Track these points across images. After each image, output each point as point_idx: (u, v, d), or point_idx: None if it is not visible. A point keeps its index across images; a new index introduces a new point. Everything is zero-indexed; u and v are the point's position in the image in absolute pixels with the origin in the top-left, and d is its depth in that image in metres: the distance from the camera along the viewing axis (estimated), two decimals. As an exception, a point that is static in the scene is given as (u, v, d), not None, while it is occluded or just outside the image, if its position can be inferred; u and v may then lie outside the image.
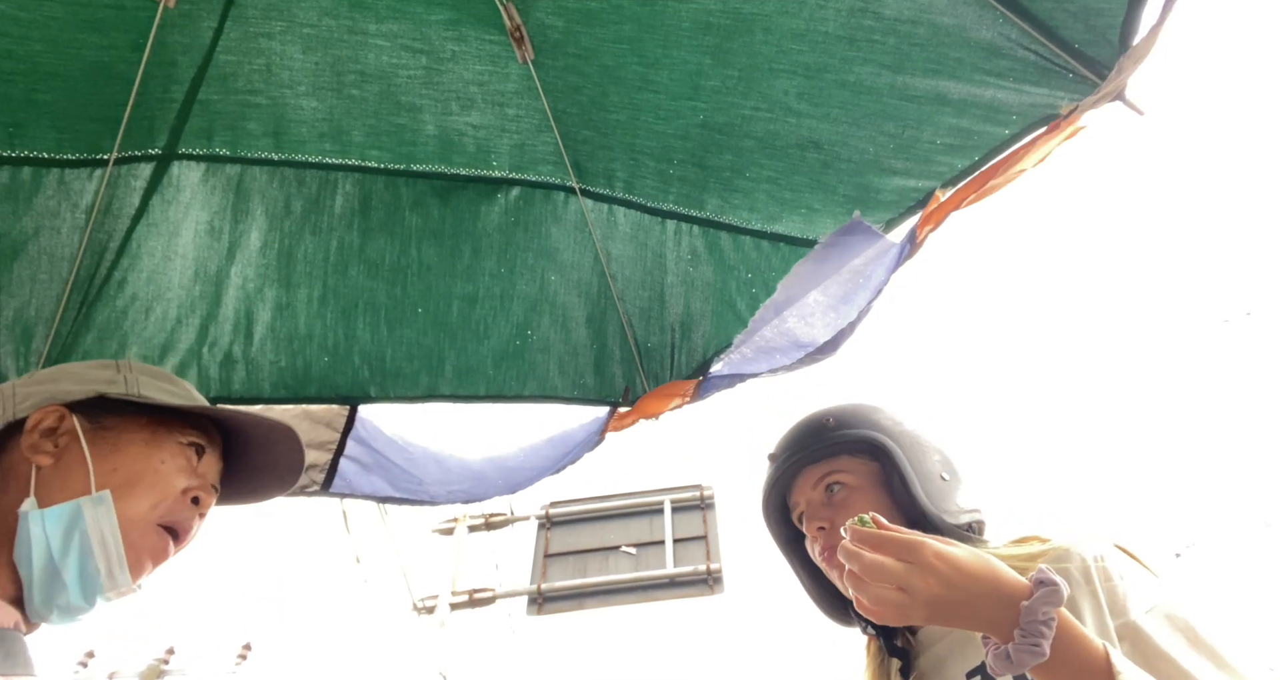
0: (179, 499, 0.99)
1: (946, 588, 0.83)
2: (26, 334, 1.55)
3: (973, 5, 1.23)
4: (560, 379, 1.83)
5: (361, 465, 1.77)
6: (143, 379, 1.07)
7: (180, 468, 1.00)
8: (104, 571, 0.91)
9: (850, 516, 1.07)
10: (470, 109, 1.60)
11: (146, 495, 0.96)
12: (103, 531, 0.91)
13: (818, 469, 1.22)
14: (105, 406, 1.01)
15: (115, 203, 1.54)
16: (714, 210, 1.67)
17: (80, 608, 0.91)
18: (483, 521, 10.00)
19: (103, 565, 0.91)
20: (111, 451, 0.98)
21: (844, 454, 1.22)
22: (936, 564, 0.84)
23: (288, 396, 1.72)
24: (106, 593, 0.92)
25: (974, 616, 0.84)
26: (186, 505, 1.00)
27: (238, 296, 1.67)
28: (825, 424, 1.25)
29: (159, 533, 0.97)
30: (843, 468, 1.21)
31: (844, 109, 1.43)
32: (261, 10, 1.43)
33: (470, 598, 9.16)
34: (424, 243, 1.72)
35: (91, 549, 0.90)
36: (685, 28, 1.41)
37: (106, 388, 1.03)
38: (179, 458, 1.01)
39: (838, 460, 1.22)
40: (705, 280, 1.74)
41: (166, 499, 0.97)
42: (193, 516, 1.01)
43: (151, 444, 1.00)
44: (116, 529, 0.92)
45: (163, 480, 0.98)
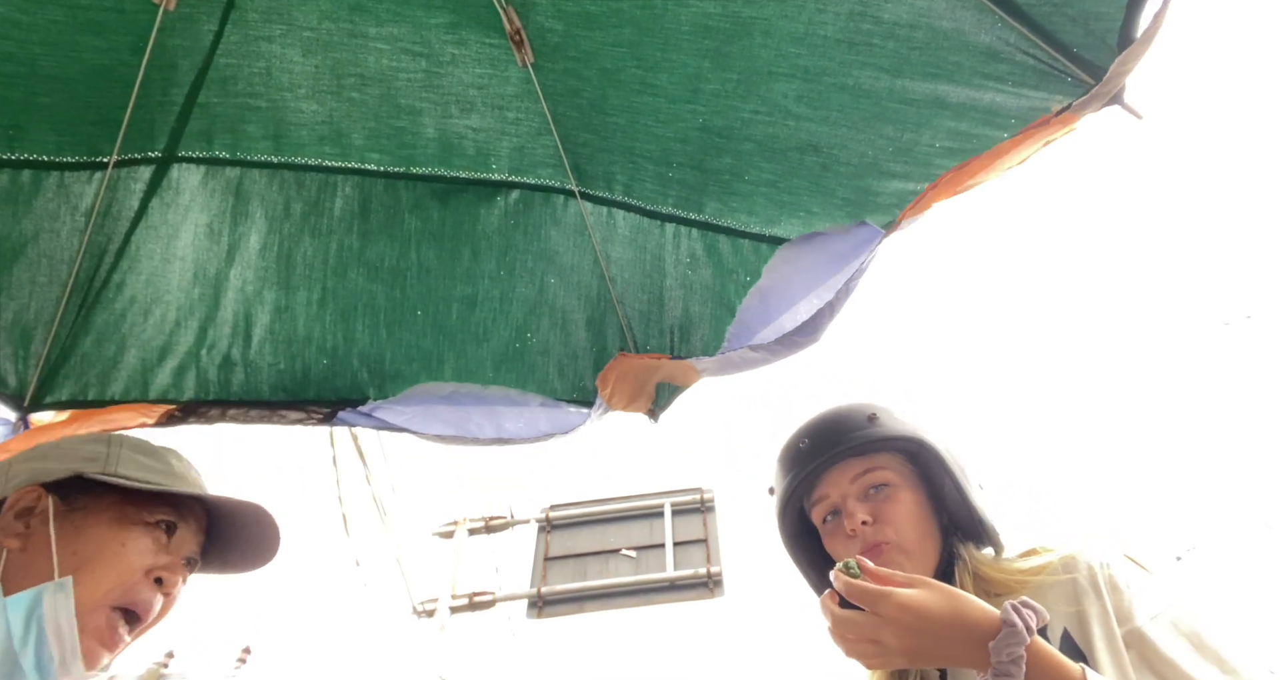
0: (139, 581, 0.98)
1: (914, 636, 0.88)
2: (26, 337, 1.55)
3: (971, 9, 1.24)
4: (560, 381, 1.83)
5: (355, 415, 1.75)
6: (124, 454, 1.07)
7: (144, 548, 1.00)
8: (57, 660, 0.91)
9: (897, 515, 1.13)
10: (470, 112, 1.61)
11: (104, 578, 0.95)
12: (58, 619, 0.91)
13: (858, 463, 1.19)
14: (82, 485, 1.02)
15: (115, 205, 1.54)
16: (713, 213, 1.67)
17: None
18: (483, 524, 10.00)
19: (56, 653, 0.91)
20: (76, 534, 0.98)
21: (884, 452, 1.20)
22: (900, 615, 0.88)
23: (287, 399, 1.72)
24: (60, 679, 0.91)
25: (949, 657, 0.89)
26: (147, 586, 0.99)
27: (237, 299, 1.67)
28: (871, 417, 1.22)
29: (110, 617, 0.96)
30: (884, 465, 1.19)
31: (843, 112, 1.43)
32: (261, 13, 1.43)
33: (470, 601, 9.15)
34: (423, 245, 1.72)
35: (46, 637, 0.90)
36: (685, 31, 1.41)
37: (85, 466, 1.03)
38: (144, 538, 1.00)
39: (879, 457, 1.19)
40: (704, 283, 1.74)
41: (125, 582, 0.97)
42: (152, 598, 1.00)
43: (116, 524, 1.00)
44: (73, 617, 0.92)
45: (121, 562, 0.97)
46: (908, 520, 1.14)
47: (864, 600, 0.91)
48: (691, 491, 9.36)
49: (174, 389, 1.65)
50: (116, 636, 0.97)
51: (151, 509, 1.03)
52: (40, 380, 1.59)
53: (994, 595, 1.06)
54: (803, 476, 1.21)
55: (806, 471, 1.21)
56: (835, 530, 1.19)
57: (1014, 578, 1.08)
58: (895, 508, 1.14)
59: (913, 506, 1.15)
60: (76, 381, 1.61)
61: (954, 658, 0.88)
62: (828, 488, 1.20)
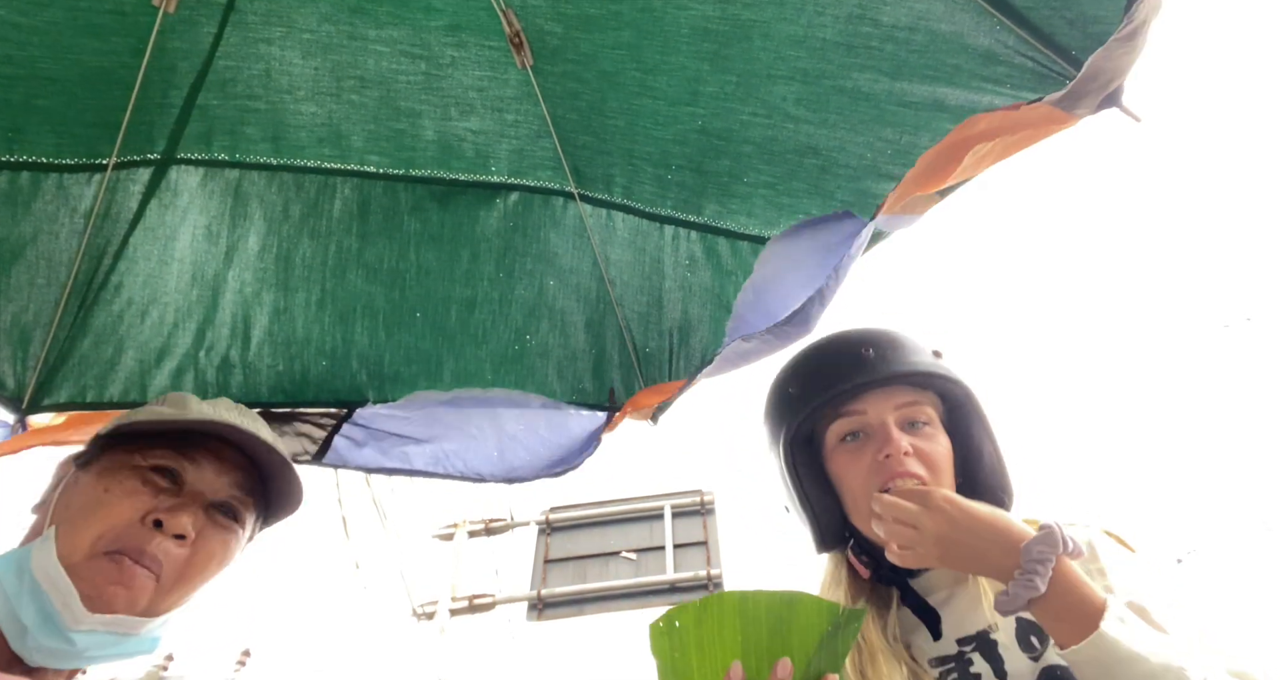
0: (131, 526, 0.92)
1: (952, 527, 0.90)
2: (24, 338, 1.55)
3: (970, 12, 1.24)
4: (559, 383, 1.83)
5: (355, 442, 1.75)
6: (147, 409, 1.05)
7: (129, 492, 0.94)
8: (59, 607, 0.87)
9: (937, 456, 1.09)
10: (469, 114, 1.61)
11: (88, 527, 0.91)
12: (46, 569, 0.88)
13: (909, 393, 1.11)
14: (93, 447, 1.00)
15: (114, 207, 1.55)
16: (712, 216, 1.67)
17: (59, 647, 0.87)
18: (483, 527, 10.00)
19: (56, 601, 0.87)
20: (72, 490, 0.96)
21: (931, 390, 1.14)
22: (945, 506, 0.91)
23: (285, 400, 1.72)
24: (74, 628, 0.87)
25: (980, 559, 0.90)
26: (141, 532, 0.93)
27: (235, 301, 1.67)
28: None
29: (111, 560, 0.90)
30: (929, 403, 1.13)
31: (842, 115, 1.44)
32: (261, 16, 1.44)
33: (470, 603, 9.15)
34: (423, 247, 1.72)
35: (40, 588, 0.87)
36: (684, 34, 1.41)
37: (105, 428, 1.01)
38: (130, 481, 0.95)
39: (927, 394, 1.13)
40: (703, 285, 1.74)
41: (113, 528, 0.91)
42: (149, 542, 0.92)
43: (104, 473, 0.96)
44: (56, 565, 0.88)
45: (104, 509, 0.92)
46: (944, 465, 1.08)
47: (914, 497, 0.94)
48: (691, 494, 9.36)
49: (172, 391, 1.65)
50: (129, 575, 0.90)
51: (146, 453, 0.97)
52: (39, 382, 1.59)
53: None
54: (858, 385, 1.09)
55: (863, 381, 1.09)
56: (857, 451, 1.10)
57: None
58: (935, 449, 1.08)
59: (947, 451, 1.10)
60: (75, 383, 1.61)
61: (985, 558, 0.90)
62: (867, 405, 1.10)
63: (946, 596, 1.08)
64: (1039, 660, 0.96)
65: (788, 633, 0.79)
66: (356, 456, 1.75)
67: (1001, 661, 0.98)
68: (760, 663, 0.78)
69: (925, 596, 1.08)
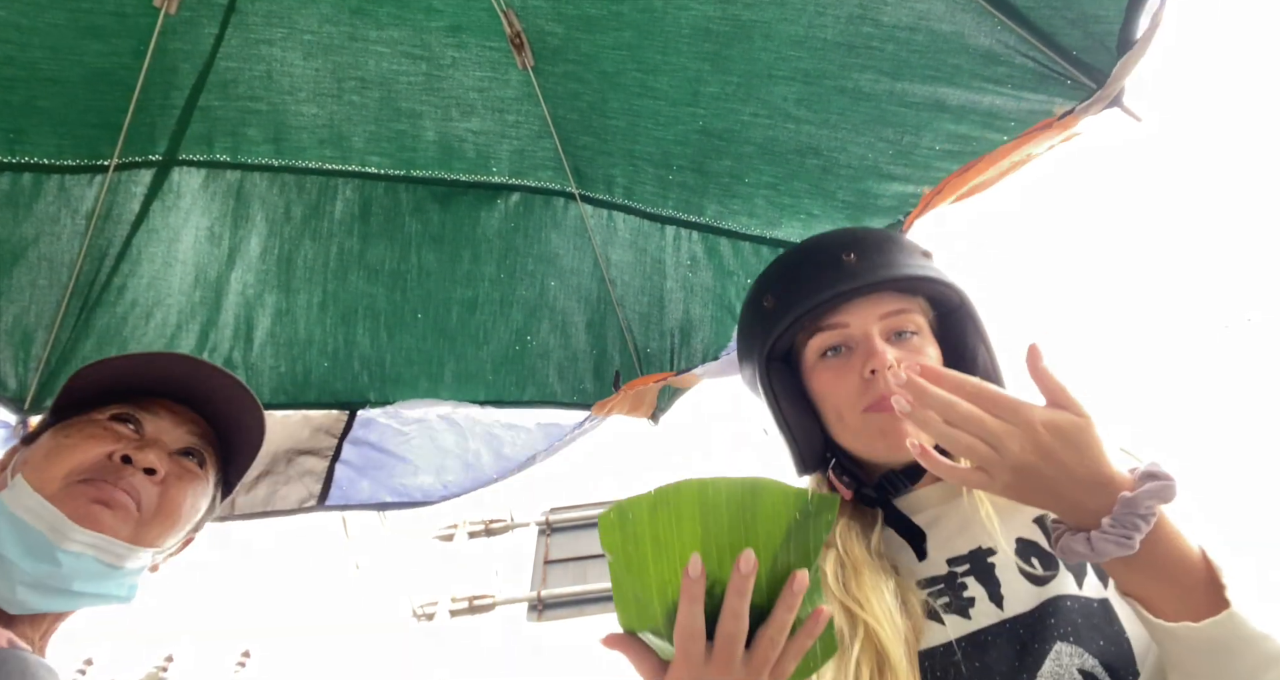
0: (99, 461, 0.93)
1: (1043, 459, 0.71)
2: (26, 340, 1.55)
3: (971, 12, 1.24)
4: (560, 384, 1.83)
5: (355, 468, 1.76)
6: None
7: (91, 436, 0.95)
8: (45, 530, 0.87)
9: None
10: (470, 115, 1.61)
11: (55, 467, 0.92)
12: (24, 502, 0.88)
13: (896, 301, 0.99)
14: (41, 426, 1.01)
15: (115, 209, 1.55)
16: (713, 216, 1.67)
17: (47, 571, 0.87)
18: (483, 528, 10.00)
19: (40, 526, 0.87)
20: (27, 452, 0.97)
21: (921, 296, 1.02)
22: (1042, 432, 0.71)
23: (287, 402, 1.72)
24: (62, 546, 0.87)
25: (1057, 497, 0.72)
26: (112, 466, 0.94)
27: (238, 302, 1.67)
28: (926, 254, 1.04)
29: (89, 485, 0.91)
30: (918, 310, 1.01)
31: (843, 115, 1.44)
32: (263, 17, 1.44)
33: (470, 604, 9.15)
34: (424, 248, 1.72)
35: (21, 519, 0.87)
36: (685, 34, 1.41)
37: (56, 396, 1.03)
38: (89, 428, 0.96)
39: (916, 300, 1.01)
40: (705, 285, 1.74)
41: (81, 463, 0.92)
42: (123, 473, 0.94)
43: (61, 430, 0.97)
44: (35, 495, 0.89)
45: (68, 450, 0.93)
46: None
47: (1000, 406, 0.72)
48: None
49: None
50: (109, 495, 0.91)
51: (101, 409, 0.99)
52: (41, 383, 1.58)
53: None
54: (838, 294, 0.98)
55: (844, 290, 0.98)
56: (841, 367, 0.99)
57: None
58: (920, 358, 0.96)
59: (937, 359, 0.99)
60: (77, 384, 1.61)
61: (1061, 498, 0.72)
62: (850, 316, 0.99)
63: (935, 515, 0.98)
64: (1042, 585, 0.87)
65: (751, 522, 0.70)
66: (358, 492, 1.77)
67: (998, 584, 0.89)
68: (722, 556, 0.69)
69: (912, 516, 0.98)
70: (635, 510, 0.70)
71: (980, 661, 0.85)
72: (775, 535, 0.71)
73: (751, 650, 0.71)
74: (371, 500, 1.79)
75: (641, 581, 0.71)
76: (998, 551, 0.91)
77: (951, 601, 0.90)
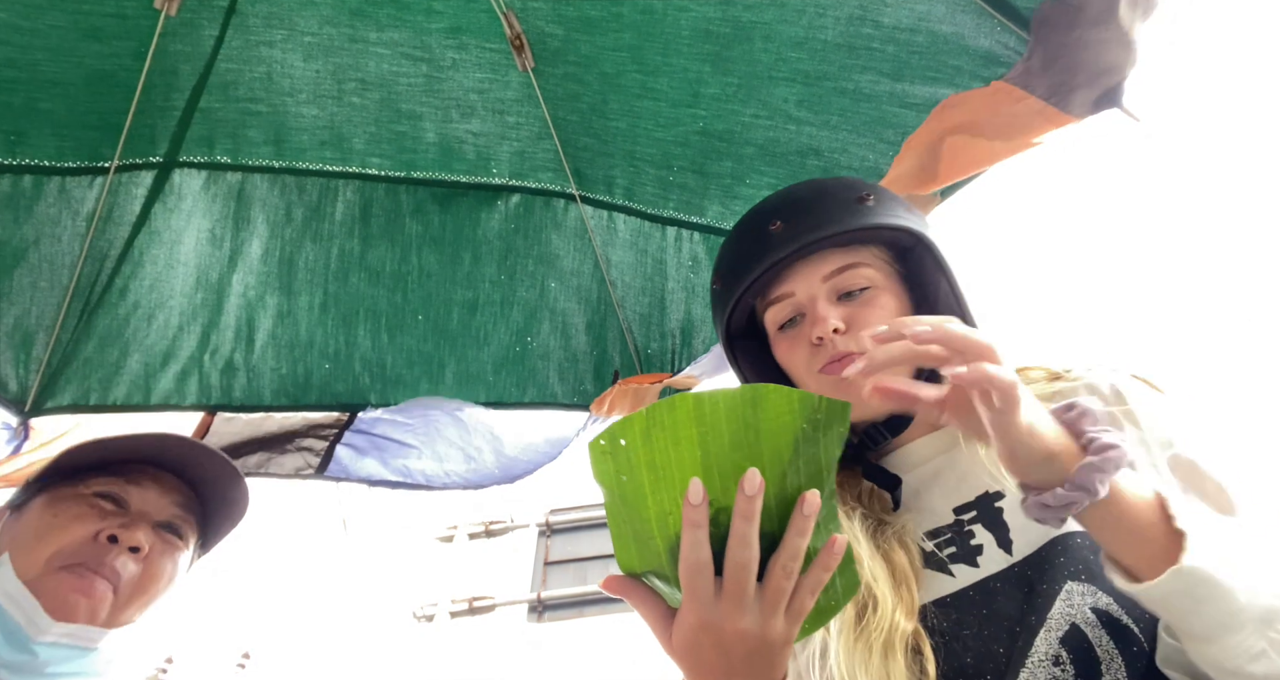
0: (84, 543, 0.96)
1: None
2: (27, 342, 1.55)
3: (971, 13, 1.24)
4: (560, 385, 1.83)
5: (357, 449, 1.76)
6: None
7: (76, 515, 0.98)
8: (23, 621, 0.90)
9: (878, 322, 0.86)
10: (470, 116, 1.61)
11: (40, 548, 0.94)
12: (5, 589, 0.91)
13: (838, 256, 0.96)
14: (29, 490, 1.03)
15: (116, 211, 1.55)
16: (714, 217, 1.67)
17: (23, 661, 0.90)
18: (483, 529, 10.00)
19: (19, 616, 0.90)
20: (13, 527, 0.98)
21: (871, 245, 0.97)
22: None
23: (289, 404, 1.72)
24: (38, 638, 0.90)
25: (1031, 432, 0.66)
26: (98, 547, 0.97)
27: (239, 304, 1.67)
28: (861, 198, 0.97)
29: (71, 572, 0.94)
30: (866, 262, 0.96)
31: (843, 116, 1.44)
32: (263, 19, 1.44)
33: (470, 606, 9.15)
34: (424, 250, 1.72)
35: (2, 608, 0.90)
36: (685, 36, 1.42)
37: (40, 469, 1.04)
38: (75, 508, 0.99)
39: (862, 251, 0.96)
40: (705, 287, 1.74)
41: (66, 547, 0.95)
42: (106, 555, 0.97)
43: (47, 505, 0.99)
44: (17, 581, 0.91)
45: (54, 531, 0.96)
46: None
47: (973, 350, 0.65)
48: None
49: (176, 394, 1.65)
50: (88, 585, 0.93)
51: (87, 482, 1.01)
52: (42, 385, 1.59)
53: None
54: (767, 268, 0.96)
55: (773, 262, 0.95)
56: (795, 337, 0.97)
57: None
58: (875, 314, 0.92)
59: (895, 310, 0.94)
60: (79, 386, 1.61)
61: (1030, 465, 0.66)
62: (794, 284, 0.97)
63: (936, 468, 0.94)
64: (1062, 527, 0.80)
65: (755, 438, 0.62)
66: (359, 468, 1.77)
67: (1006, 529, 0.84)
68: (726, 479, 0.62)
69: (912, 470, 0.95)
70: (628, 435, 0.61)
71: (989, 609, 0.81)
72: (783, 451, 0.62)
73: (764, 583, 0.63)
74: (369, 477, 1.79)
75: (640, 515, 0.63)
76: (1005, 494, 0.86)
77: (959, 551, 0.86)
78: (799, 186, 1.04)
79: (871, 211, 0.96)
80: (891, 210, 0.97)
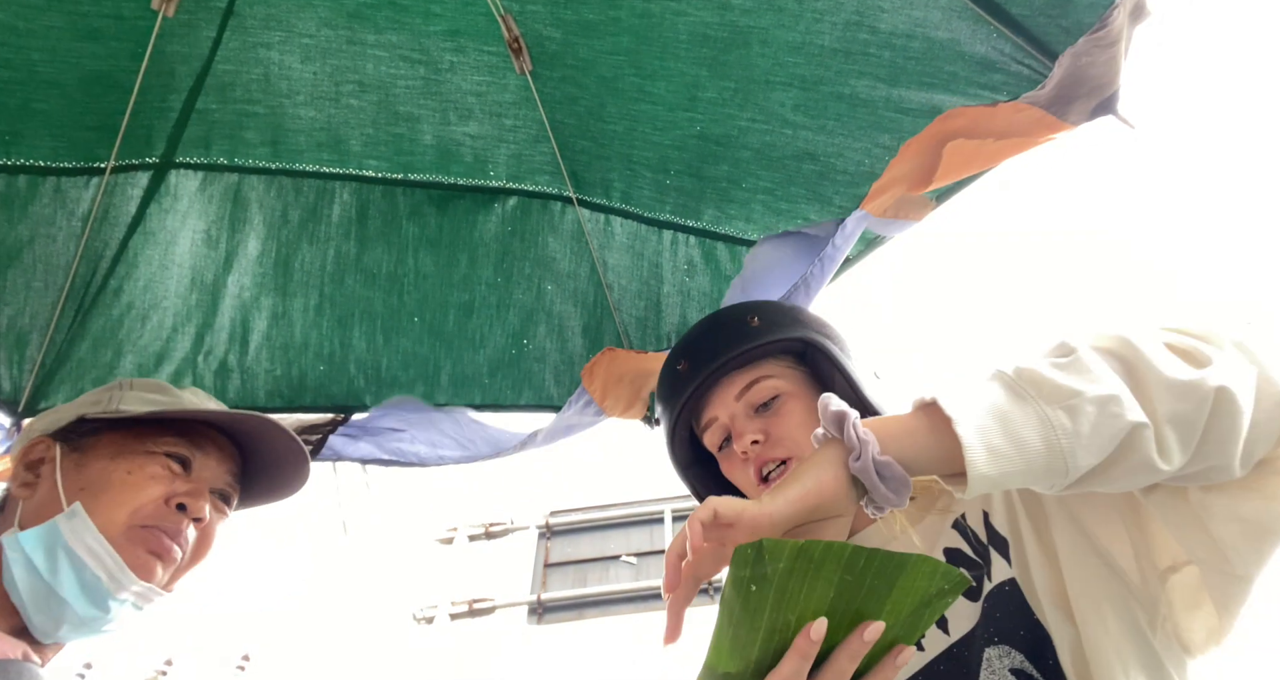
0: (159, 506, 0.96)
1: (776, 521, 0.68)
2: (21, 342, 1.56)
3: (967, 20, 1.24)
4: (556, 388, 1.83)
5: (350, 437, 1.76)
6: (130, 394, 1.06)
7: (151, 476, 0.98)
8: (104, 576, 0.90)
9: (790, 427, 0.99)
10: (468, 119, 1.61)
11: (118, 505, 0.94)
12: (85, 541, 0.90)
13: (743, 376, 1.06)
14: (86, 427, 1.01)
15: (112, 211, 1.55)
16: (711, 221, 1.67)
17: (95, 617, 0.90)
18: (483, 531, 9.99)
19: (100, 571, 0.89)
20: (77, 471, 0.97)
21: (769, 358, 1.08)
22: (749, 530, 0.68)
23: (283, 405, 1.72)
24: (117, 595, 0.91)
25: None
26: (170, 513, 0.97)
27: (234, 305, 1.67)
28: (747, 323, 1.09)
29: (149, 532, 0.94)
30: (771, 373, 1.06)
31: (840, 121, 1.44)
32: (260, 20, 1.44)
33: (470, 608, 9.13)
34: (421, 252, 1.72)
35: (81, 559, 0.89)
36: (682, 40, 1.41)
37: (89, 409, 1.03)
38: (149, 466, 0.98)
39: (764, 365, 1.07)
40: (702, 290, 1.74)
41: (143, 507, 0.95)
42: (180, 523, 0.97)
43: (117, 457, 0.98)
44: (99, 535, 0.90)
45: (131, 489, 0.95)
46: (800, 427, 1.01)
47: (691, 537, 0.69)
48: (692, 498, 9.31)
49: (170, 395, 1.65)
50: (162, 544, 0.94)
51: (156, 439, 1.01)
52: (35, 386, 1.59)
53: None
54: (683, 404, 1.08)
55: (686, 398, 1.08)
56: (730, 456, 1.07)
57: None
58: (785, 421, 1.02)
59: (804, 412, 1.02)
60: (72, 387, 1.61)
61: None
62: (715, 409, 1.07)
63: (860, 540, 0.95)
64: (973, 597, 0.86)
65: (886, 593, 0.66)
66: (352, 449, 1.77)
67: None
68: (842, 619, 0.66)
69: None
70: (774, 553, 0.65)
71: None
72: (904, 608, 0.68)
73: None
74: (363, 457, 1.78)
75: (750, 624, 0.67)
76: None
77: None
78: (697, 324, 1.17)
79: (758, 331, 1.08)
80: (778, 324, 1.09)
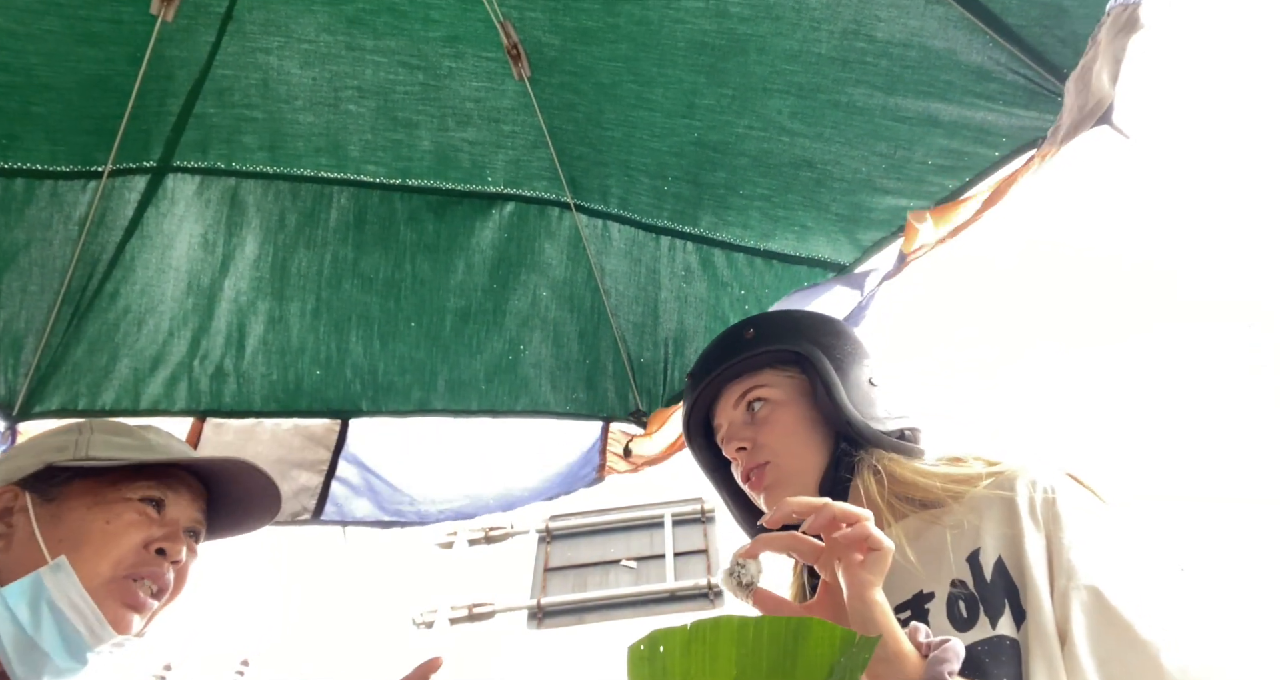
0: (139, 553, 0.96)
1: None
2: (16, 345, 1.56)
3: (963, 29, 1.24)
4: (553, 394, 1.83)
5: (352, 488, 1.76)
6: (96, 439, 1.05)
7: (131, 523, 0.98)
8: (85, 631, 0.90)
9: (774, 435, 1.08)
10: (466, 125, 1.61)
11: (100, 557, 0.94)
12: (70, 596, 0.90)
13: (739, 385, 1.13)
14: (55, 476, 1.00)
15: (109, 215, 1.55)
16: (708, 227, 1.67)
17: (73, 668, 0.90)
18: (482, 535, 9.99)
19: (82, 626, 0.89)
20: (56, 523, 0.96)
21: (766, 368, 1.13)
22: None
23: (279, 410, 1.72)
24: (95, 648, 0.91)
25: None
26: (150, 558, 0.97)
27: (230, 309, 1.67)
28: (743, 336, 1.16)
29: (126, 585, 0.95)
30: (765, 382, 1.12)
31: (837, 129, 1.44)
32: (260, 25, 1.44)
33: (470, 612, 9.13)
34: (418, 257, 1.72)
35: (64, 614, 0.89)
36: (680, 47, 1.42)
37: (55, 456, 1.01)
38: (126, 513, 0.98)
39: (760, 375, 1.13)
40: (699, 296, 1.74)
41: (123, 556, 0.95)
42: (160, 568, 0.98)
43: (93, 506, 0.98)
44: (82, 590, 0.90)
45: (111, 539, 0.95)
46: (784, 435, 1.07)
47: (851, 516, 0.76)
48: (692, 502, 9.34)
49: (165, 399, 1.65)
50: (139, 599, 0.95)
51: (131, 485, 1.00)
52: (30, 389, 1.59)
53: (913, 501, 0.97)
54: (690, 415, 1.19)
55: (689, 407, 1.18)
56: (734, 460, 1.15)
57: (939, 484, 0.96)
58: (770, 428, 1.08)
59: (791, 420, 1.08)
60: (67, 391, 1.61)
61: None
62: (720, 417, 1.16)
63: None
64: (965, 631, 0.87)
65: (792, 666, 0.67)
66: (355, 508, 1.78)
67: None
68: None
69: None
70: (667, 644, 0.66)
71: None
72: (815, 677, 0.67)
73: None
74: (367, 518, 1.79)
75: None
76: (935, 596, 0.91)
77: None
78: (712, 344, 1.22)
79: (752, 343, 1.14)
80: (773, 335, 1.15)
